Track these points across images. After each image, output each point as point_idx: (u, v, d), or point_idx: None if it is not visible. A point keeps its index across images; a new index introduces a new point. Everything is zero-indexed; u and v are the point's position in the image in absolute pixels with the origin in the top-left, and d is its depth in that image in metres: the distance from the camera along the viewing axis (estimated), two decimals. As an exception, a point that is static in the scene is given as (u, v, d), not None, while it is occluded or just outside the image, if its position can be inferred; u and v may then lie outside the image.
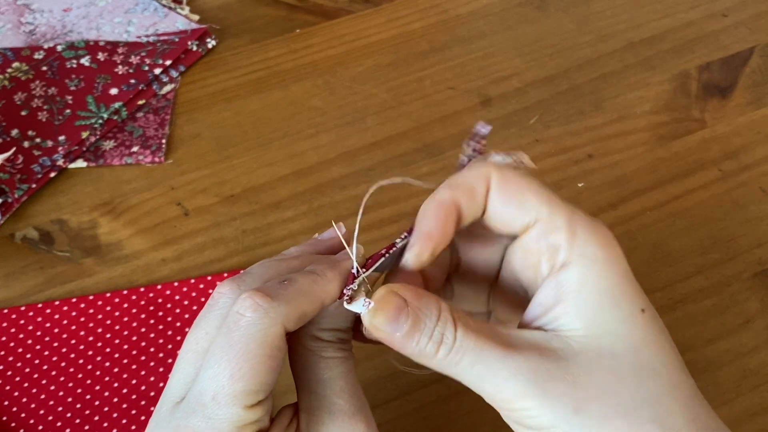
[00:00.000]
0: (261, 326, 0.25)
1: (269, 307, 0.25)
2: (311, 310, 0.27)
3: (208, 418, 0.24)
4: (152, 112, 0.55)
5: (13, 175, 0.50)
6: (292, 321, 0.26)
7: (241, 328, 0.25)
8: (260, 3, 0.63)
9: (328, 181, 0.51)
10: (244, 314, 0.25)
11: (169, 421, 0.25)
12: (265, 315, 0.25)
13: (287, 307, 0.26)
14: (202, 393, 0.25)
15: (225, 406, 0.24)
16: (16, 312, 0.44)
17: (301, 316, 0.26)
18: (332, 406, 0.27)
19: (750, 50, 0.59)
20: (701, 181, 0.50)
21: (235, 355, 0.25)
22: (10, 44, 0.58)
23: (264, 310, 0.25)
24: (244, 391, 0.24)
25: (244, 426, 0.25)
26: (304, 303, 0.26)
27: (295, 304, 0.26)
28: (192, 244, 0.47)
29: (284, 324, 0.25)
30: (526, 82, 0.57)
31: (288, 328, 0.26)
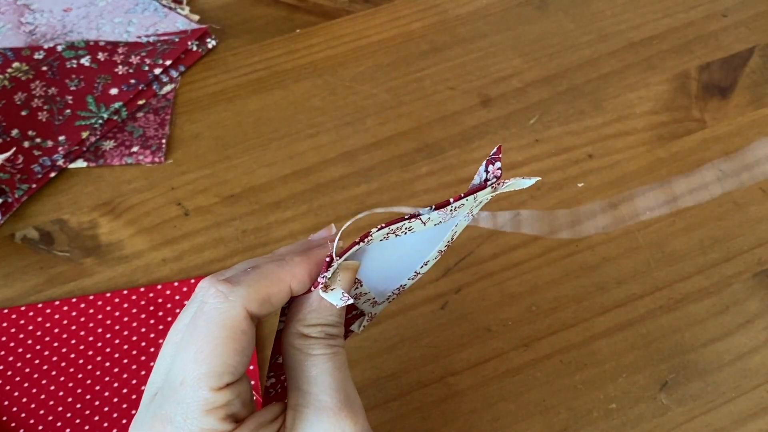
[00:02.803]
0: (221, 309, 0.26)
1: (229, 292, 0.26)
2: (276, 293, 0.27)
3: (179, 403, 0.25)
4: (152, 112, 0.55)
5: (14, 175, 0.50)
6: (254, 302, 0.26)
7: (204, 314, 0.26)
8: (260, 3, 0.63)
9: (328, 181, 0.51)
10: (207, 301, 0.26)
11: (147, 410, 0.26)
12: (224, 299, 0.26)
13: (248, 289, 0.26)
14: (173, 379, 0.26)
15: (192, 389, 0.25)
16: (16, 312, 0.44)
17: (264, 298, 0.27)
18: (318, 403, 0.27)
19: (750, 50, 0.59)
20: (701, 181, 0.50)
21: (197, 338, 0.25)
22: (10, 44, 0.58)
23: (224, 295, 0.26)
24: (209, 373, 0.25)
25: (213, 410, 0.25)
26: (266, 285, 0.27)
27: (256, 287, 0.26)
28: (192, 244, 0.47)
29: (245, 306, 0.26)
30: (526, 82, 0.57)
31: (252, 310, 0.26)
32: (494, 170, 0.28)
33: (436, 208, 0.28)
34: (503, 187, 0.28)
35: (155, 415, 0.26)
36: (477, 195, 0.28)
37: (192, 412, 0.25)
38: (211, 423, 0.25)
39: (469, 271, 0.46)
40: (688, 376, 0.41)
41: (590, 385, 0.41)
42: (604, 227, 0.47)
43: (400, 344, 0.43)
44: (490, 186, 0.28)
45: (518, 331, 0.43)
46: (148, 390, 0.27)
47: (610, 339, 0.43)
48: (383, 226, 0.27)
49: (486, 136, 0.53)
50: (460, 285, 0.45)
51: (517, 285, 0.45)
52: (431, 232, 0.29)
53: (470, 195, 0.28)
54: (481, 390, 0.41)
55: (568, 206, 0.49)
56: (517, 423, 0.40)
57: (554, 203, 0.49)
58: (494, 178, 0.28)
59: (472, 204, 0.28)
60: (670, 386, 0.41)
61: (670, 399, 0.40)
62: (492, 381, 0.41)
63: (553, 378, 0.41)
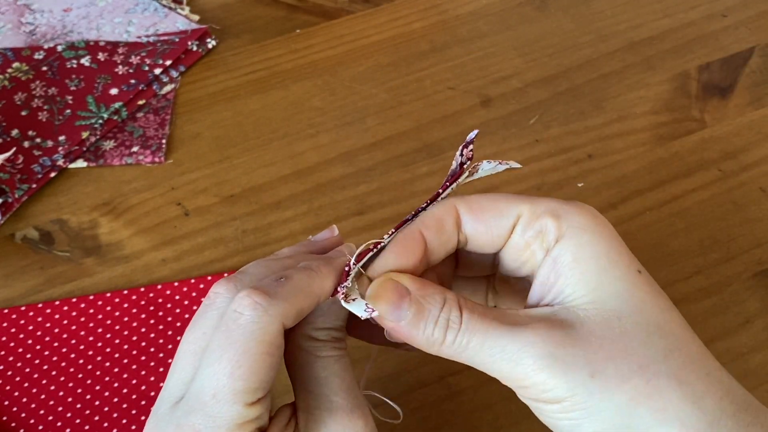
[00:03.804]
0: (260, 324, 0.25)
1: (268, 305, 0.25)
2: (308, 306, 0.27)
3: (209, 416, 0.25)
4: (152, 112, 0.55)
5: (14, 175, 0.50)
6: (290, 318, 0.26)
7: (240, 326, 0.25)
8: (260, 3, 0.63)
9: (328, 181, 0.51)
10: (243, 313, 0.25)
11: (169, 420, 0.25)
12: (264, 313, 0.25)
13: (285, 304, 0.26)
14: (201, 391, 0.25)
15: (226, 404, 0.24)
16: (16, 312, 0.44)
17: (298, 312, 0.26)
18: (330, 404, 0.27)
19: (750, 50, 0.59)
20: (701, 181, 0.50)
21: (235, 353, 0.25)
22: (11, 44, 0.58)
23: (263, 308, 0.25)
24: (245, 389, 0.25)
25: (245, 423, 0.25)
26: (301, 299, 0.27)
27: (292, 301, 0.26)
28: (192, 244, 0.47)
29: (283, 321, 0.26)
30: (526, 82, 0.57)
31: (286, 325, 0.26)
32: (467, 153, 0.29)
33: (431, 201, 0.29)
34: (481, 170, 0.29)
35: (179, 426, 0.25)
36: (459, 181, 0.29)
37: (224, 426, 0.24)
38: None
39: (469, 271, 0.46)
40: (688, 376, 0.41)
41: (590, 385, 0.41)
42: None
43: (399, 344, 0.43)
44: (467, 170, 0.29)
45: (518, 331, 0.43)
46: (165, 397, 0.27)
47: (610, 339, 0.43)
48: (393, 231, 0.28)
49: (486, 136, 0.53)
50: (460, 285, 0.45)
51: (517, 285, 0.45)
52: None
53: (454, 182, 0.29)
54: (481, 390, 0.41)
55: (568, 206, 0.49)
56: (517, 423, 0.40)
57: (554, 203, 0.49)
58: (467, 160, 0.29)
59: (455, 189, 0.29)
60: (670, 386, 0.41)
61: (670, 399, 0.40)
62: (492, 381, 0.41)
63: (553, 378, 0.41)
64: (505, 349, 0.25)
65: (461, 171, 0.29)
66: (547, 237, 0.27)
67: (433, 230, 0.28)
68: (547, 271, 0.27)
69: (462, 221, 0.28)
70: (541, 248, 0.27)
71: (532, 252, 0.28)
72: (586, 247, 0.26)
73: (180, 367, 0.27)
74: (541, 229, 0.27)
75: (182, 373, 0.27)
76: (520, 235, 0.28)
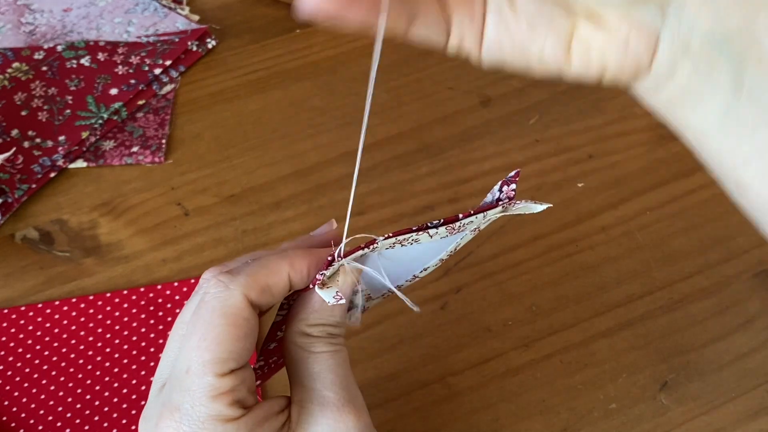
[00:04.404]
0: (221, 297, 0.26)
1: (229, 281, 0.27)
2: (276, 282, 0.28)
3: (185, 391, 0.25)
4: (152, 112, 0.55)
5: (13, 175, 0.50)
6: (254, 291, 0.27)
7: (206, 304, 0.27)
8: (260, 3, 0.63)
9: (328, 181, 0.51)
10: (209, 291, 0.27)
11: (156, 401, 0.27)
12: (225, 288, 0.27)
13: (247, 278, 0.27)
14: (178, 368, 0.26)
15: (197, 376, 0.25)
16: (16, 312, 0.44)
17: (263, 287, 0.27)
18: (322, 399, 0.27)
19: (750, 50, 0.59)
20: (701, 181, 0.50)
21: (200, 327, 0.26)
22: (10, 44, 0.58)
23: (224, 284, 0.27)
24: (212, 360, 0.25)
25: (220, 395, 0.25)
26: (266, 274, 0.27)
27: (255, 276, 0.27)
28: (192, 244, 0.47)
29: (245, 294, 0.27)
30: (526, 83, 0.57)
31: (252, 298, 0.27)
32: (508, 191, 0.28)
33: (445, 222, 0.28)
34: (513, 208, 0.29)
35: (164, 404, 0.26)
36: (486, 213, 0.28)
37: (199, 398, 0.25)
38: (218, 408, 0.25)
39: (469, 271, 0.46)
40: (688, 376, 0.41)
41: (590, 385, 0.41)
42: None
43: (400, 344, 0.43)
44: (501, 206, 0.28)
45: (518, 331, 0.43)
46: (156, 382, 0.28)
47: (610, 339, 0.43)
48: (390, 235, 0.28)
49: (486, 136, 0.53)
50: (460, 285, 0.45)
51: (517, 285, 0.45)
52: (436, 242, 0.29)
53: (480, 213, 0.28)
54: (481, 390, 0.41)
55: (569, 206, 0.49)
56: (517, 423, 0.40)
57: (555, 203, 0.49)
58: (507, 198, 0.28)
59: (480, 221, 0.29)
60: (670, 386, 0.41)
61: (670, 399, 0.40)
62: (492, 381, 0.41)
63: (553, 378, 0.41)
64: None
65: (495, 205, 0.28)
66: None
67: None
68: None
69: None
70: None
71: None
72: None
73: (166, 353, 0.28)
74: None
75: (168, 357, 0.28)
76: None
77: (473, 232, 0.30)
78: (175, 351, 0.27)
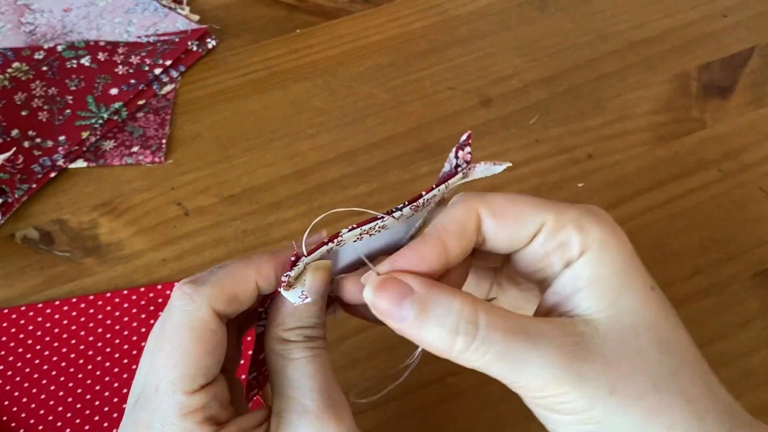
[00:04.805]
0: (187, 311, 0.26)
1: (193, 293, 0.26)
2: (242, 290, 0.27)
3: (156, 410, 0.25)
4: (152, 112, 0.55)
5: (14, 175, 0.50)
6: (220, 301, 0.26)
7: (170, 318, 0.26)
8: (260, 3, 0.63)
9: (328, 181, 0.51)
10: (174, 304, 0.26)
11: (129, 419, 0.26)
12: (190, 300, 0.26)
13: (212, 288, 0.26)
14: (147, 386, 0.26)
15: (166, 395, 0.25)
16: (16, 312, 0.44)
17: (230, 296, 0.27)
18: (301, 407, 0.26)
19: (750, 50, 0.59)
20: (701, 181, 0.50)
21: (166, 343, 0.25)
22: (11, 44, 0.58)
23: (188, 296, 0.26)
24: (181, 377, 0.25)
25: (190, 413, 0.25)
26: (231, 283, 0.27)
27: (220, 285, 0.26)
28: (192, 244, 0.47)
29: (212, 306, 0.26)
30: (526, 82, 0.57)
31: (218, 309, 0.26)
32: (464, 155, 0.28)
33: (409, 203, 0.27)
34: (475, 172, 0.28)
35: (136, 423, 0.26)
36: (448, 183, 0.28)
37: (169, 417, 0.25)
38: (189, 427, 0.25)
39: (469, 271, 0.46)
40: (688, 376, 0.41)
41: (590, 385, 0.41)
42: None
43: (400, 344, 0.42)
44: (461, 172, 0.28)
45: (518, 331, 0.43)
46: (130, 397, 0.27)
47: (610, 339, 0.43)
48: (355, 226, 0.27)
49: (486, 136, 0.53)
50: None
51: (517, 285, 0.45)
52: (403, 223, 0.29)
53: (442, 184, 0.28)
54: (482, 390, 0.41)
55: (568, 206, 0.49)
56: (517, 423, 0.40)
57: (554, 203, 0.49)
58: (464, 163, 0.28)
59: (444, 191, 0.28)
60: (670, 386, 0.41)
61: (670, 399, 0.40)
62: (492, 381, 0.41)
63: (553, 378, 0.41)
64: (527, 360, 0.25)
65: (455, 173, 0.28)
66: (569, 249, 0.27)
67: (455, 236, 0.27)
68: (566, 282, 0.27)
69: (483, 224, 0.27)
70: (562, 259, 0.27)
71: (550, 261, 0.27)
72: (607, 264, 0.26)
73: (140, 367, 0.28)
74: (564, 241, 0.27)
75: (140, 373, 0.27)
76: (541, 244, 0.27)
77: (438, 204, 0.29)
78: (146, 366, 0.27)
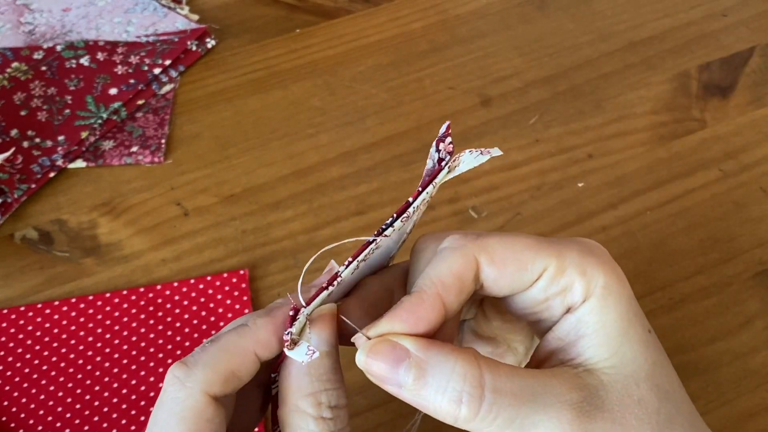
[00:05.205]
0: (179, 400, 0.23)
1: (185, 377, 0.24)
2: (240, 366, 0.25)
3: None
4: (152, 112, 0.55)
5: (13, 175, 0.50)
6: (216, 384, 0.24)
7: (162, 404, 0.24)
8: (260, 3, 0.63)
9: (328, 181, 0.51)
10: (166, 389, 0.24)
11: None
12: (181, 386, 0.24)
13: (206, 371, 0.24)
14: None
15: None
16: (16, 312, 0.44)
17: (226, 375, 0.24)
18: None
19: (750, 50, 0.59)
20: (701, 181, 0.50)
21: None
22: (10, 44, 0.58)
23: (180, 382, 0.24)
24: None
25: None
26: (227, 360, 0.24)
27: (214, 365, 0.24)
28: (192, 244, 0.47)
29: (205, 390, 0.24)
30: (526, 82, 0.57)
31: (214, 392, 0.24)
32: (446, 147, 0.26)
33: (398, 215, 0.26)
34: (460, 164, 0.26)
35: None
36: (435, 182, 0.26)
37: None
38: None
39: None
40: (688, 376, 0.41)
41: (590, 386, 0.41)
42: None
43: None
44: (446, 166, 0.26)
45: (518, 331, 0.43)
46: None
47: (611, 339, 0.43)
48: (351, 260, 0.25)
49: (486, 136, 0.53)
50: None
51: (517, 285, 0.45)
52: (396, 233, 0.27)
53: (428, 185, 0.26)
54: (481, 390, 0.41)
55: (569, 206, 0.49)
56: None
57: (554, 203, 0.49)
58: (447, 155, 0.26)
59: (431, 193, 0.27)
60: (670, 386, 0.41)
61: (671, 399, 0.40)
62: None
63: (553, 378, 0.41)
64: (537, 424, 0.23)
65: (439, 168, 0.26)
66: (571, 295, 0.26)
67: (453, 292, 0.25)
68: (569, 329, 0.26)
69: (482, 273, 0.26)
70: (563, 304, 0.26)
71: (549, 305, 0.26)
72: (611, 310, 0.25)
73: None
74: (566, 286, 0.26)
75: None
76: (542, 289, 0.26)
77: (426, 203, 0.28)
78: None
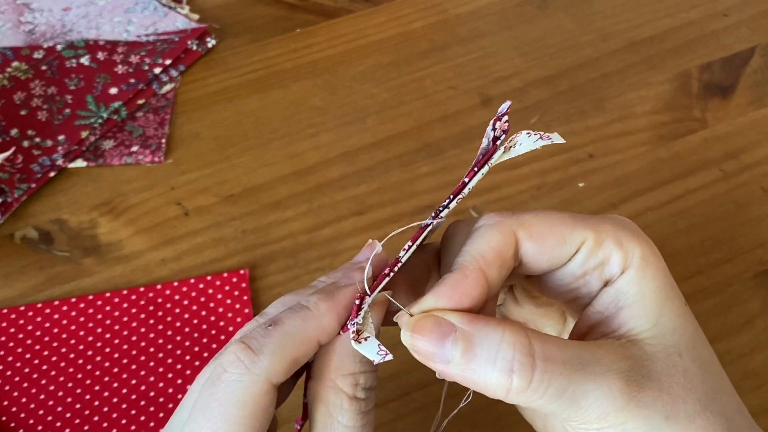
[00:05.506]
0: (242, 385, 0.23)
1: (251, 363, 0.23)
2: (305, 354, 0.24)
3: None
4: (152, 112, 0.55)
5: (13, 175, 0.50)
6: (279, 374, 0.24)
7: (221, 385, 0.23)
8: (260, 2, 0.63)
9: (328, 181, 0.51)
10: (226, 369, 0.23)
11: None
12: (246, 371, 0.23)
13: (271, 359, 0.23)
14: None
15: None
16: (16, 312, 0.44)
17: (291, 364, 0.24)
18: None
19: (751, 50, 0.59)
20: (702, 181, 0.50)
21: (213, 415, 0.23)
22: (10, 44, 0.58)
23: (245, 366, 0.23)
24: None
25: None
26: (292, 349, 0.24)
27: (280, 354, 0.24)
28: (192, 244, 0.47)
29: (270, 379, 0.23)
30: (527, 82, 0.57)
31: (275, 382, 0.24)
32: (502, 125, 0.25)
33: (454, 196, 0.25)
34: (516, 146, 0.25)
35: None
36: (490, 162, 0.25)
37: None
38: None
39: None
40: (688, 376, 0.41)
41: (591, 386, 0.41)
42: None
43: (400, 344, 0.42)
44: (502, 147, 0.25)
45: (519, 331, 0.43)
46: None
47: (611, 339, 0.43)
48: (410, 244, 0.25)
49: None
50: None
51: (517, 285, 0.45)
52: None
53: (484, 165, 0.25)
54: (482, 390, 0.41)
55: (569, 206, 0.49)
56: (518, 423, 0.40)
57: (555, 203, 0.49)
58: (502, 133, 0.25)
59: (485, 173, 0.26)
60: (670, 387, 0.41)
61: (671, 399, 0.40)
62: (492, 381, 0.41)
63: (553, 378, 0.41)
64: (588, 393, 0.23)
65: (494, 148, 0.25)
66: (610, 267, 0.26)
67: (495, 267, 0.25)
68: (608, 301, 0.26)
69: (521, 248, 0.26)
70: (600, 278, 0.26)
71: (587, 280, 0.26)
72: (649, 280, 0.25)
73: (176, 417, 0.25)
74: (603, 260, 0.26)
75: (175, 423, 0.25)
76: (580, 263, 0.26)
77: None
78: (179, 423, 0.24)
